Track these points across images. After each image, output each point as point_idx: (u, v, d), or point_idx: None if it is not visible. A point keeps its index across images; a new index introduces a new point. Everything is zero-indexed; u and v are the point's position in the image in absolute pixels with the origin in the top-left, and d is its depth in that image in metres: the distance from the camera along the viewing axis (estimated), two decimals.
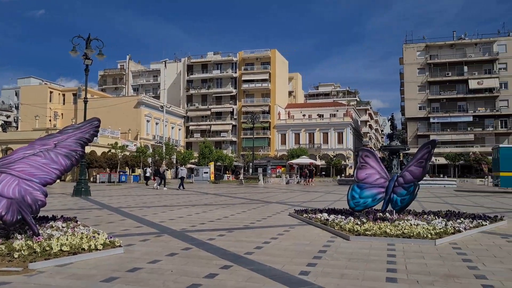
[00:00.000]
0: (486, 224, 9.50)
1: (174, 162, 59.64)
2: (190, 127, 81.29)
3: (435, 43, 74.70)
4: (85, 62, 20.25)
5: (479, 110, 71.42)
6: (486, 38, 72.54)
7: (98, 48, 16.37)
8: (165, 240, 7.92)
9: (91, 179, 47.05)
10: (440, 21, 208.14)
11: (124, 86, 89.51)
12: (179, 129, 77.28)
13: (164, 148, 50.22)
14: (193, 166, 55.49)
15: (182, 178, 30.55)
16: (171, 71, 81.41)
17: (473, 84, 70.83)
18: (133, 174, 50.76)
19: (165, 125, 67.52)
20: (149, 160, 53.19)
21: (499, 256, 6.59)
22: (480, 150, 65.89)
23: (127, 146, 46.74)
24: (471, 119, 71.40)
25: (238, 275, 5.35)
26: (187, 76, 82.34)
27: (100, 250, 6.36)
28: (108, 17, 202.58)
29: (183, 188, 29.37)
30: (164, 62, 50.58)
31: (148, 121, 65.01)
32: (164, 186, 29.37)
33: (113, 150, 43.75)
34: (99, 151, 48.38)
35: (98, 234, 7.02)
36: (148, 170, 39.92)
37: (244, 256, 6.47)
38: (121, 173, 45.94)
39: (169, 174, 65.43)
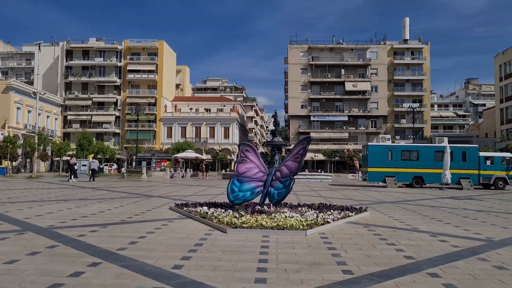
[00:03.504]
0: (352, 215, 10.34)
1: (49, 154, 55.14)
2: (69, 117, 75.74)
3: (317, 45, 79.27)
4: None
5: (353, 111, 77.58)
6: (361, 45, 79.08)
7: None
8: (28, 238, 7.26)
9: None
10: (322, 26, 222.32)
11: None
12: (56, 119, 71.48)
13: (36, 138, 45.98)
14: (69, 158, 51.73)
15: (93, 171, 31.44)
16: (47, 55, 74.76)
17: (348, 86, 76.73)
18: (0, 166, 45.80)
19: (39, 114, 61.90)
20: (19, 151, 48.43)
21: (360, 244, 7.20)
22: (353, 148, 71.68)
23: None
24: (346, 118, 77.30)
25: (107, 273, 5.09)
26: (66, 62, 76.49)
27: None
28: None
29: (93, 180, 30.44)
30: (38, 45, 46.09)
31: (18, 108, 59.04)
32: (76, 178, 30.40)
33: None
34: None
35: None
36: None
37: (116, 252, 6.20)
38: None
39: (43, 166, 60.51)
